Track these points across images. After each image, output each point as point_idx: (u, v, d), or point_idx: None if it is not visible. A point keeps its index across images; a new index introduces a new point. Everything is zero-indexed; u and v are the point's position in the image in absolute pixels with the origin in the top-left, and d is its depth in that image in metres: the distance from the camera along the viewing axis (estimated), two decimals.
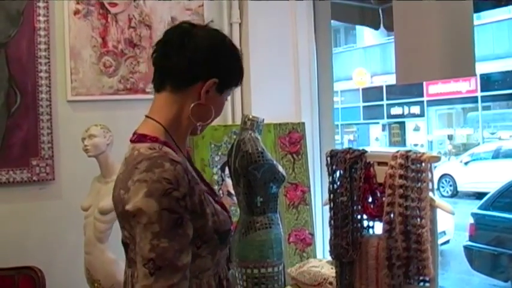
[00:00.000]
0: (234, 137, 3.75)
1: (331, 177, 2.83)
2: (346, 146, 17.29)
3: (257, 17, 4.00)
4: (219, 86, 1.78)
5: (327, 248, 4.17)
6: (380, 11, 4.64)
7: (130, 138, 1.77)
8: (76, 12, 3.62)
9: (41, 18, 3.52)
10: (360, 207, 2.72)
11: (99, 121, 3.28)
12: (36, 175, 3.48)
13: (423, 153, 2.54)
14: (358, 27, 17.70)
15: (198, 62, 1.73)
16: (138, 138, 1.74)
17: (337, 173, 2.79)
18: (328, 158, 2.84)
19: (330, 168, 2.83)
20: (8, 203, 3.46)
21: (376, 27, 4.82)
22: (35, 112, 3.48)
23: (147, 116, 1.79)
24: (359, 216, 2.73)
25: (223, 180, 3.79)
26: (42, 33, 3.52)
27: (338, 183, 2.78)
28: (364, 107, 21.94)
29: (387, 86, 20.21)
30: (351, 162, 2.71)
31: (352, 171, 2.71)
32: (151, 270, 1.54)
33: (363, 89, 21.45)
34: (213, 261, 1.76)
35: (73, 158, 3.53)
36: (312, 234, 3.98)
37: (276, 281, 3.02)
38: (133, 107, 3.64)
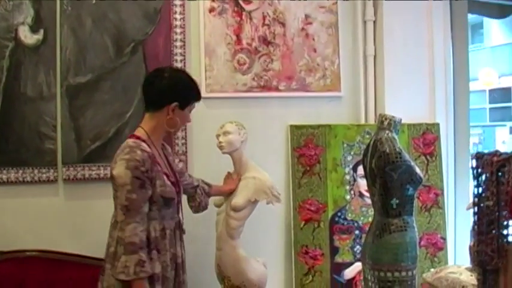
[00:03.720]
0: (367, 136, 3.70)
1: (476, 181, 2.70)
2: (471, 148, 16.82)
3: (392, 15, 3.92)
4: (179, 106, 2.70)
5: (459, 253, 4.07)
6: None
7: (127, 136, 2.74)
8: (211, 9, 3.67)
9: (177, 16, 3.59)
10: (507, 212, 2.58)
11: (232, 118, 3.30)
12: None
13: None
14: (485, 25, 17.13)
15: (162, 94, 2.69)
16: (130, 136, 2.70)
17: (483, 177, 2.66)
18: (474, 161, 2.71)
19: (475, 171, 2.70)
20: None
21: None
22: None
23: (139, 126, 2.75)
24: (506, 222, 2.60)
25: (355, 180, 3.73)
26: (178, 30, 3.58)
27: (483, 187, 2.65)
28: (490, 108, 21.21)
29: None
30: (499, 166, 2.57)
31: (499, 174, 2.58)
32: (124, 212, 2.51)
33: (489, 90, 20.72)
34: (159, 215, 2.65)
35: (206, 155, 3.57)
36: (444, 239, 3.87)
37: (410, 286, 2.95)
38: (266, 105, 3.66)
